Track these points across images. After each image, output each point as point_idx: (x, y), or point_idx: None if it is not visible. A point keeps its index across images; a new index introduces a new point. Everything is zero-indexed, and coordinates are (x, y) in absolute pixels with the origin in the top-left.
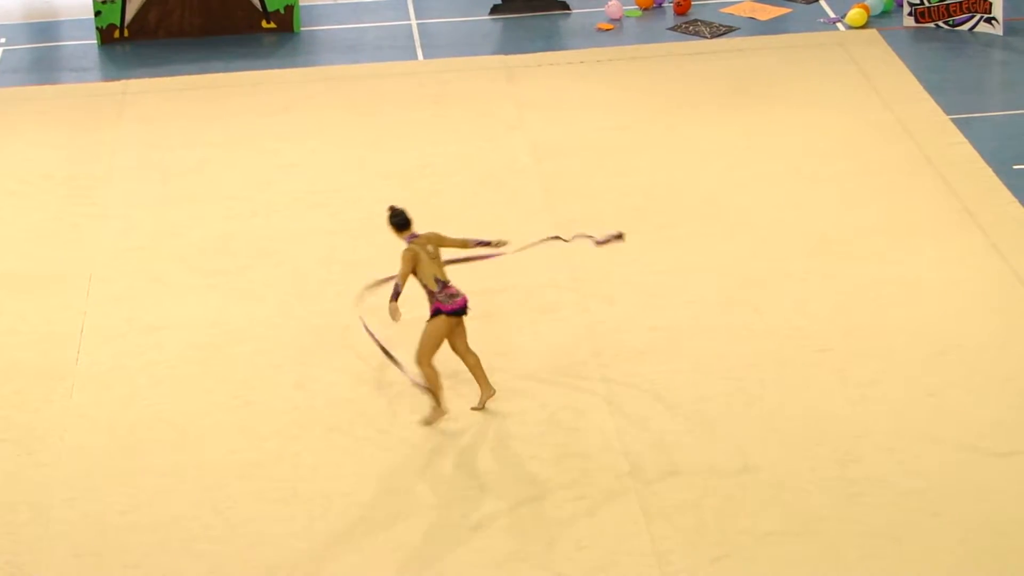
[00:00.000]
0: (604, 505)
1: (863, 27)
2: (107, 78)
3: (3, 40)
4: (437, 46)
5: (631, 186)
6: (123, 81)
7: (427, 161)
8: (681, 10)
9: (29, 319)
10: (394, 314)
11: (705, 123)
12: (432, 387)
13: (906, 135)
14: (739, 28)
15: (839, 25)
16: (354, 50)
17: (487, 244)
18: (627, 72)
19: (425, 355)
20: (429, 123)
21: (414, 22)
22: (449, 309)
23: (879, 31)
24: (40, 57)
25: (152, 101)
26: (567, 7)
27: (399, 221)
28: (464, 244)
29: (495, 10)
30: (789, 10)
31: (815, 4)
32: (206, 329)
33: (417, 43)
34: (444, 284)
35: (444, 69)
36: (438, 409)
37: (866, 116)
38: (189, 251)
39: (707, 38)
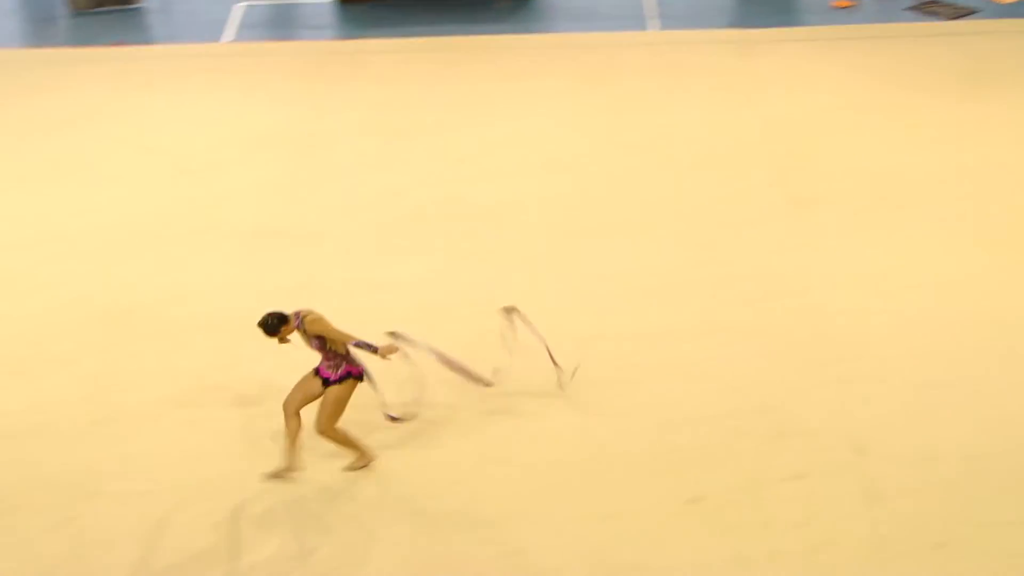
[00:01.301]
0: (824, 485)
1: None
2: (343, 36)
3: None
4: (672, 17)
5: (859, 167)
6: (358, 40)
7: (659, 132)
8: None
9: (255, 274)
10: (391, 348)
11: (938, 107)
12: (347, 445)
13: None
14: (980, 10)
15: None
16: (587, 18)
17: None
18: (861, 52)
19: (332, 423)
20: (661, 95)
21: None
22: (359, 371)
23: None
24: (280, 14)
25: (385, 61)
26: None
27: (276, 321)
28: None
29: None
30: None
31: None
32: (429, 290)
33: (652, 13)
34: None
35: (678, 40)
36: (365, 455)
37: None
38: (415, 212)
39: (946, 19)
